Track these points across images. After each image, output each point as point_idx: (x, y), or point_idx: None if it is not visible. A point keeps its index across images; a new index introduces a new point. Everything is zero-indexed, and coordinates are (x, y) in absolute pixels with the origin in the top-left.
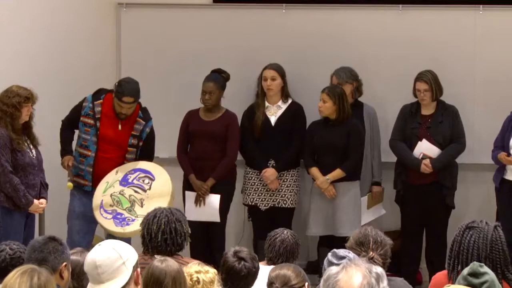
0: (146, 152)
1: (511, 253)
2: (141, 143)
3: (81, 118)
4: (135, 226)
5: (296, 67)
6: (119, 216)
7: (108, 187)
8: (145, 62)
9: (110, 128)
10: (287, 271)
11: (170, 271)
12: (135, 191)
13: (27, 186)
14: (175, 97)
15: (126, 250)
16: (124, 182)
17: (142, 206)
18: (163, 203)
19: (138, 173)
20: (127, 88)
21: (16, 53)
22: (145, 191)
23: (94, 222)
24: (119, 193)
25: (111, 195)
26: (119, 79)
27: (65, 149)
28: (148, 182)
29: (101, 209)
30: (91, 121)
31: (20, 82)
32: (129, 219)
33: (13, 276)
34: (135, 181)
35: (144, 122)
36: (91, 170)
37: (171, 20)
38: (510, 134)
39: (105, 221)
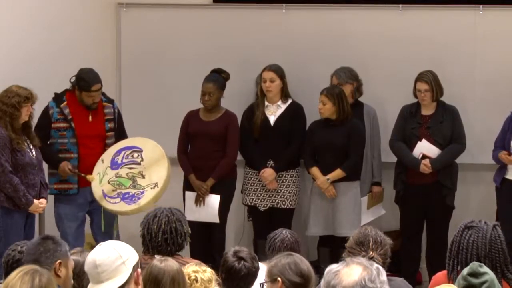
0: (121, 132)
1: (510, 253)
2: (115, 126)
3: (53, 125)
4: (147, 197)
5: (296, 67)
6: (127, 196)
7: (102, 177)
8: (145, 62)
9: (83, 123)
10: None
11: (169, 270)
12: (130, 168)
13: (27, 186)
14: (175, 97)
15: (126, 250)
16: (115, 166)
17: (144, 178)
18: (163, 166)
19: (123, 151)
20: (91, 77)
21: (16, 53)
22: (139, 163)
23: (83, 223)
24: (116, 177)
25: (109, 182)
26: (76, 74)
27: (56, 159)
28: (138, 155)
29: (106, 197)
30: (64, 124)
31: (19, 82)
32: (138, 194)
33: (15, 276)
34: (124, 160)
35: (110, 105)
36: (76, 171)
37: (171, 20)
38: (511, 135)
39: (116, 206)
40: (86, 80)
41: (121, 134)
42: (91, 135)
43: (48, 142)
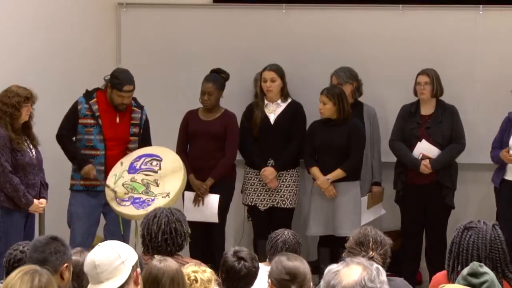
0: (146, 139)
1: (510, 253)
2: (141, 131)
3: (80, 121)
4: (156, 205)
5: (296, 67)
6: (137, 201)
7: (117, 179)
8: (145, 62)
9: (110, 123)
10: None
11: (168, 270)
12: (147, 175)
13: (27, 186)
14: (175, 97)
15: (126, 250)
16: (132, 170)
17: (157, 186)
18: (178, 178)
19: (143, 158)
20: (125, 77)
21: (16, 52)
22: (156, 172)
23: (96, 224)
24: (131, 181)
25: (123, 185)
26: (112, 72)
27: (81, 158)
28: (157, 164)
29: (117, 199)
30: (91, 121)
31: (20, 82)
32: (148, 200)
33: (15, 276)
34: (143, 166)
35: (139, 110)
36: (103, 168)
37: (171, 20)
38: (509, 135)
39: (125, 208)
40: (120, 78)
41: (145, 142)
42: (115, 137)
43: (74, 138)
